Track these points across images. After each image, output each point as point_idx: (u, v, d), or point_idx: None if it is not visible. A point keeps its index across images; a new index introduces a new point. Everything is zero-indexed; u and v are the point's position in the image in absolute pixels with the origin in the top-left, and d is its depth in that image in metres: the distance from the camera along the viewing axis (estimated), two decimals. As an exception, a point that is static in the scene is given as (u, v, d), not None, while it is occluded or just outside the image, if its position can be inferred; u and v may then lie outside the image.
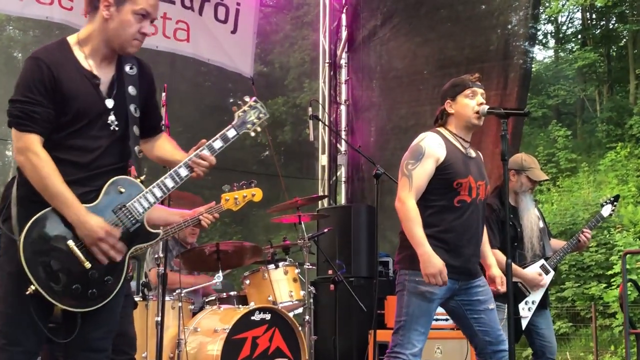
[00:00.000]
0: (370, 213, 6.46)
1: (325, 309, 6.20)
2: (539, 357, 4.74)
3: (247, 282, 5.42)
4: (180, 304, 4.88)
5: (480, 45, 7.23)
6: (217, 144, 2.76)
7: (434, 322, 5.41)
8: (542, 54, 24.37)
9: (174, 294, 4.98)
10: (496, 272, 3.79)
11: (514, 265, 4.38)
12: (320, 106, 8.02)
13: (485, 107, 3.61)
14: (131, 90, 2.71)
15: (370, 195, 7.51)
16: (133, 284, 5.06)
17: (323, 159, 8.21)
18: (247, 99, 2.87)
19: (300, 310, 5.56)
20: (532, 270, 4.61)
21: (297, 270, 5.42)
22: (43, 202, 2.52)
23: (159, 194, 2.67)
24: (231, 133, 2.80)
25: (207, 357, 4.71)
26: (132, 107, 2.70)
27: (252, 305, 4.98)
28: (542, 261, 4.66)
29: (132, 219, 2.63)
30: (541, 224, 4.76)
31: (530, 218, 4.62)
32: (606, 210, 4.98)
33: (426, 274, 3.45)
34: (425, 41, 7.68)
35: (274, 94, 13.03)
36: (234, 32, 7.26)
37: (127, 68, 2.73)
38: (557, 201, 16.26)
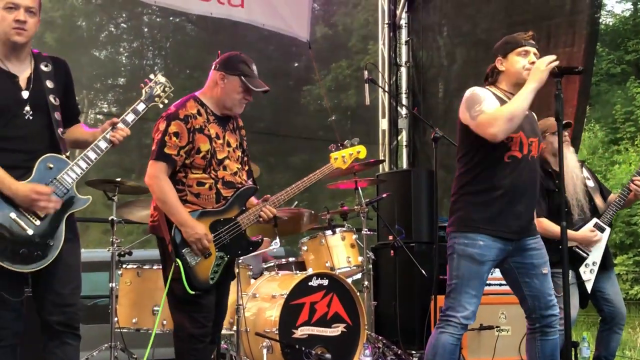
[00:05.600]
0: (431, 177, 6.33)
1: (385, 275, 6.15)
2: (608, 323, 4.65)
3: (305, 248, 5.46)
4: (237, 270, 4.94)
5: (548, 0, 6.92)
6: (130, 117, 3.17)
7: (497, 287, 5.39)
8: (620, 7, 23.21)
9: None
10: None
11: None
12: (380, 69, 7.87)
13: None
14: (49, 83, 3.10)
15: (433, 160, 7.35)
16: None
17: (383, 123, 8.07)
18: (152, 76, 3.27)
19: (359, 276, 5.55)
20: (584, 229, 4.51)
21: (354, 236, 5.40)
22: None
23: (84, 165, 3.05)
24: (141, 107, 3.21)
25: (266, 322, 4.77)
26: (51, 97, 3.09)
27: (309, 271, 5.00)
28: (595, 220, 4.54)
29: (63, 189, 3.02)
30: (591, 183, 4.64)
31: (572, 175, 4.50)
32: None
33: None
34: (491, -1, 7.40)
35: (338, 57, 12.81)
36: (289, -7, 7.17)
37: (42, 66, 3.12)
38: (636, 161, 15.61)
